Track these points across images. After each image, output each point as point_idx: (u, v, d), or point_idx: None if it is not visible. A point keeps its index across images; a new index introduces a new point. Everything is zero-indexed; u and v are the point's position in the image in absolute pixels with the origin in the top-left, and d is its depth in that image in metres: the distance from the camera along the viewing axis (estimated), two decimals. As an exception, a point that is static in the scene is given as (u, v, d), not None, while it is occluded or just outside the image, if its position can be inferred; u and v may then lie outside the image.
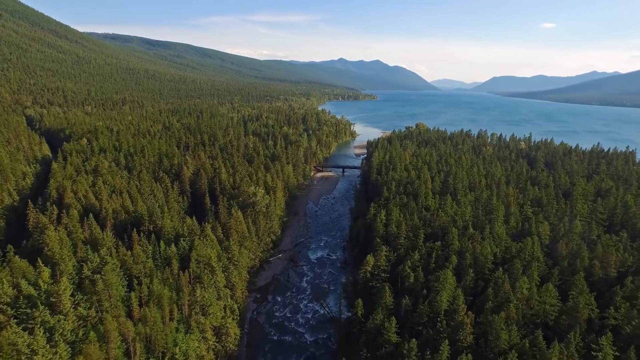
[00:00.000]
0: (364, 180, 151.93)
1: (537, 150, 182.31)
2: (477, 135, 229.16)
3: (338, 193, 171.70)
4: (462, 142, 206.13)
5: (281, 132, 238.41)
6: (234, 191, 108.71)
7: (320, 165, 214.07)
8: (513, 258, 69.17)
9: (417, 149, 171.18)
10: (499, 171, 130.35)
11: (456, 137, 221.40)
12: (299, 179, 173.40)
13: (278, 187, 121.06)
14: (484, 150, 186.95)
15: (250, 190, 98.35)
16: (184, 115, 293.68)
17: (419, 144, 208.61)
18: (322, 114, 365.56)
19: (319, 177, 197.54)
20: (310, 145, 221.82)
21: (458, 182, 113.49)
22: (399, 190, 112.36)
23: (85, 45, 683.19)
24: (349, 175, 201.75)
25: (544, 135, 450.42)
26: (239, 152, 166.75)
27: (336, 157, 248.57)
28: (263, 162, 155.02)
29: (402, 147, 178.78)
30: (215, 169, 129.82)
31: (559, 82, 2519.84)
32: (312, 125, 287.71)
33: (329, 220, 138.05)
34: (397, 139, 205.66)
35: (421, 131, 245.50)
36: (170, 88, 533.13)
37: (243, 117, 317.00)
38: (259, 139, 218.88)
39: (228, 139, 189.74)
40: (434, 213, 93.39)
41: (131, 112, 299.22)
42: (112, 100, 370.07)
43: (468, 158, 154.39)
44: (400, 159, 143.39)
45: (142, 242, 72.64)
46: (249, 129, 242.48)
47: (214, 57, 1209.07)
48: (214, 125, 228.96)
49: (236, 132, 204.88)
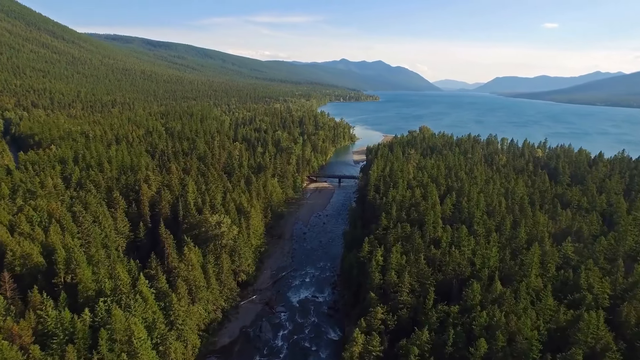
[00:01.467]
0: (361, 197, 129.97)
1: (556, 160, 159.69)
2: (487, 141, 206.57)
3: (332, 209, 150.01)
4: (471, 149, 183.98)
5: (274, 137, 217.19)
6: (200, 216, 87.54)
7: (315, 174, 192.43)
8: (567, 338, 47.21)
9: (421, 159, 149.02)
10: (520, 188, 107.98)
11: (464, 143, 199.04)
12: (288, 193, 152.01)
13: (255, 210, 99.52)
14: (496, 160, 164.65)
15: (212, 219, 76.94)
16: (173, 118, 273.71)
17: (424, 151, 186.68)
18: (320, 117, 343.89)
19: (312, 188, 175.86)
20: (304, 152, 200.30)
21: (473, 206, 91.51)
22: (400, 215, 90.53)
23: (82, 46, 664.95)
24: (346, 187, 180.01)
25: (553, 138, 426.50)
26: (219, 163, 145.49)
27: (333, 165, 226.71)
28: (245, 174, 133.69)
29: (405, 156, 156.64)
30: (185, 185, 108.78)
31: (562, 82, 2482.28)
32: (309, 129, 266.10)
33: (318, 245, 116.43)
34: (399, 146, 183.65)
35: (425, 136, 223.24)
36: (166, 89, 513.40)
37: (236, 120, 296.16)
38: (248, 145, 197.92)
39: (212, 145, 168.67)
40: (445, 251, 71.65)
41: (119, 115, 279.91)
42: (101, 102, 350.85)
43: (481, 171, 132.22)
44: (402, 172, 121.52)
45: (44, 305, 51.52)
46: (239, 133, 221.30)
47: (215, 57, 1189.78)
48: (200, 130, 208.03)
49: (223, 138, 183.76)
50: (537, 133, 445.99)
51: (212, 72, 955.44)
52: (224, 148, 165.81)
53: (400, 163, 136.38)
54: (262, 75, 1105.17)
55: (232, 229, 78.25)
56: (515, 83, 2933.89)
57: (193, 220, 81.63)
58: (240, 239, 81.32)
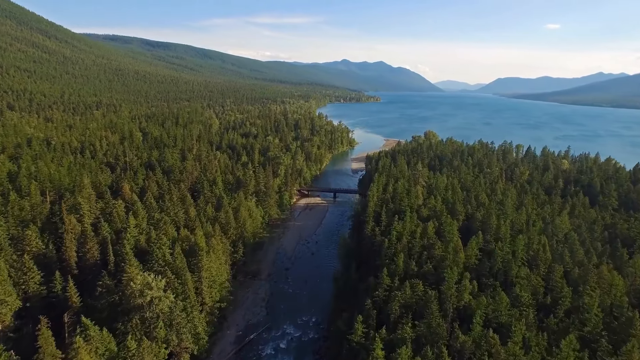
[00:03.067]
0: (357, 224, 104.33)
1: (589, 174, 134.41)
2: (503, 149, 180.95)
3: (324, 233, 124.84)
4: (484, 158, 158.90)
5: (264, 144, 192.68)
6: (124, 277, 62.82)
7: (306, 188, 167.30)
8: None
9: (430, 174, 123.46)
10: (565, 222, 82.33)
11: (477, 151, 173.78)
12: (271, 213, 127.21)
13: (215, 252, 74.56)
14: (517, 173, 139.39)
15: (135, 285, 52.04)
16: (160, 121, 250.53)
17: (431, 161, 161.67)
18: (317, 119, 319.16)
19: (302, 205, 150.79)
20: (296, 161, 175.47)
21: (507, 253, 66.40)
22: (408, 266, 65.53)
23: (75, 46, 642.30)
24: (342, 203, 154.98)
25: (565, 141, 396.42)
26: (189, 179, 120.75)
27: (329, 175, 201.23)
28: (217, 196, 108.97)
29: (410, 169, 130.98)
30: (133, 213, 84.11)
31: (565, 83, 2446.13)
32: (304, 133, 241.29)
33: (303, 286, 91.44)
34: (402, 156, 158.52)
35: (432, 143, 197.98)
36: (159, 90, 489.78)
37: (227, 123, 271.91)
38: (232, 153, 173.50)
39: (187, 156, 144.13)
40: (479, 342, 46.66)
41: (101, 118, 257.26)
42: (85, 103, 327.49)
43: (504, 190, 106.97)
44: (409, 195, 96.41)
45: None
46: (225, 139, 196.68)
47: (215, 58, 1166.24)
48: (180, 136, 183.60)
49: (201, 147, 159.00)
50: (547, 135, 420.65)
51: (211, 72, 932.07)
52: (200, 160, 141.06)
53: (406, 180, 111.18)
54: (261, 75, 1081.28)
55: (166, 297, 53.42)
56: (517, 84, 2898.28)
57: (108, 283, 56.71)
58: (181, 307, 56.39)
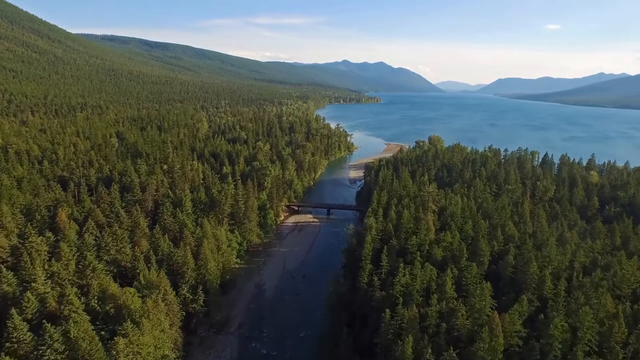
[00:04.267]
0: (350, 263, 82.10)
1: (627, 189, 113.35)
2: (518, 158, 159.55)
3: (314, 262, 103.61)
4: (499, 169, 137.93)
5: (252, 151, 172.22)
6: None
7: (297, 203, 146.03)
8: None
9: (442, 194, 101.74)
10: (632, 269, 61.12)
11: (489, 160, 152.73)
12: (250, 238, 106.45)
13: (153, 315, 53.72)
14: (539, 188, 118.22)
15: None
16: (143, 125, 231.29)
17: (438, 171, 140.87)
18: (314, 122, 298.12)
19: (290, 224, 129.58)
20: (285, 171, 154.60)
21: (566, 331, 45.38)
22: (421, 354, 44.46)
23: (69, 46, 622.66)
24: (338, 221, 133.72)
25: (573, 142, 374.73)
26: (149, 200, 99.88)
27: (323, 186, 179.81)
28: (181, 222, 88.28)
29: (418, 192, 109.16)
30: (55, 254, 63.45)
31: (566, 84, 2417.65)
32: (298, 138, 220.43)
33: (281, 343, 70.54)
34: (406, 167, 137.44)
35: (438, 150, 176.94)
36: (153, 91, 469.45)
37: (218, 127, 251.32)
38: (216, 162, 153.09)
39: (155, 170, 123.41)
40: None
41: (83, 121, 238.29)
42: (69, 105, 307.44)
43: (541, 221, 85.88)
44: (417, 226, 75.41)
45: None
46: (209, 146, 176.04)
47: (214, 58, 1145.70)
48: (157, 143, 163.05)
49: (174, 158, 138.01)
50: (554, 137, 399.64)
51: (209, 73, 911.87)
52: (172, 173, 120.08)
53: (411, 200, 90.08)
54: (261, 76, 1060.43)
55: None
56: (518, 84, 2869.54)
57: None
58: None
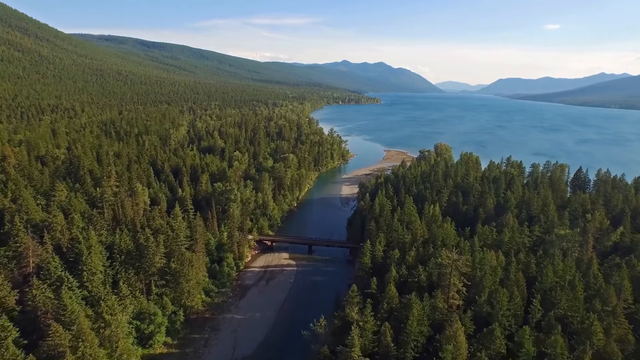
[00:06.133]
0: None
1: None
2: (551, 177, 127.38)
3: (281, 336, 72.09)
4: (529, 191, 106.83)
5: (221, 166, 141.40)
6: None
7: (269, 237, 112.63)
8: None
9: (467, 251, 70.02)
10: None
11: (515, 179, 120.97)
12: (190, 304, 75.24)
13: None
14: (594, 226, 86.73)
15: None
16: (116, 129, 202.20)
17: (451, 195, 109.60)
18: (306, 126, 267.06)
19: (257, 269, 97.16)
20: (260, 194, 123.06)
21: None
22: None
23: (57, 45, 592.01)
24: (322, 262, 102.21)
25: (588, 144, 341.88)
26: (27, 259, 68.88)
27: (309, 208, 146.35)
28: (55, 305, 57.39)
29: (435, 263, 77.26)
30: None
31: (567, 84, 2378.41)
32: (284, 146, 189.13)
33: None
34: (410, 192, 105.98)
35: (447, 164, 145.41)
36: (140, 91, 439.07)
37: (197, 132, 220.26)
38: (175, 181, 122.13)
39: (96, 193, 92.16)
40: None
41: (48, 125, 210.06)
42: (39, 107, 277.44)
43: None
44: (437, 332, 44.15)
45: None
46: (175, 158, 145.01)
47: (212, 58, 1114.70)
48: (106, 158, 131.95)
49: (145, 168, 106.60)
50: (568, 139, 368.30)
51: (206, 73, 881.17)
52: (105, 202, 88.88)
53: (427, 273, 58.70)
54: (259, 76, 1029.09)
55: None
56: (518, 85, 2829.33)
57: None
58: None
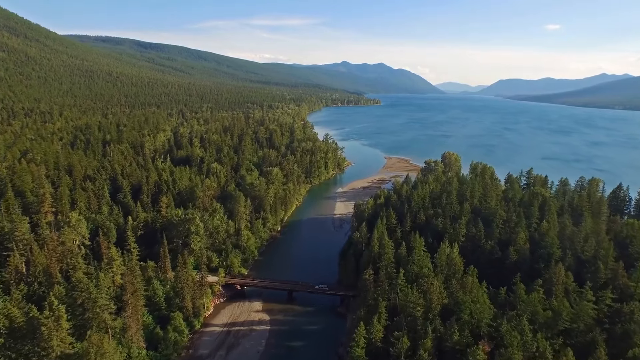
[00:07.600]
0: None
1: None
2: (590, 199, 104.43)
3: None
4: (563, 218, 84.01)
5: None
6: None
7: (239, 280, 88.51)
8: None
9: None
10: None
11: (551, 206, 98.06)
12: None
13: None
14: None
15: None
16: (83, 138, 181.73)
17: (469, 223, 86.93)
18: (299, 131, 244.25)
19: (219, 327, 74.09)
20: (229, 223, 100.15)
21: None
22: None
23: (47, 45, 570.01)
24: (304, 313, 79.57)
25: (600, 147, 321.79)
26: None
27: (295, 233, 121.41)
28: None
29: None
30: None
31: (568, 84, 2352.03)
32: (272, 157, 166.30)
33: None
34: (418, 234, 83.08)
35: (460, 180, 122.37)
36: (129, 93, 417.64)
37: (178, 139, 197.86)
38: (135, 204, 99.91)
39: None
40: None
41: (16, 131, 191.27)
42: (12, 110, 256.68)
43: None
44: None
45: None
46: (139, 174, 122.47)
47: (209, 59, 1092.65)
48: (57, 174, 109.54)
49: (101, 186, 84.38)
50: (579, 142, 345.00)
51: (203, 74, 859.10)
52: (32, 246, 66.30)
53: None
54: (258, 78, 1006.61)
55: None
56: (519, 85, 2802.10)
57: None
58: None
